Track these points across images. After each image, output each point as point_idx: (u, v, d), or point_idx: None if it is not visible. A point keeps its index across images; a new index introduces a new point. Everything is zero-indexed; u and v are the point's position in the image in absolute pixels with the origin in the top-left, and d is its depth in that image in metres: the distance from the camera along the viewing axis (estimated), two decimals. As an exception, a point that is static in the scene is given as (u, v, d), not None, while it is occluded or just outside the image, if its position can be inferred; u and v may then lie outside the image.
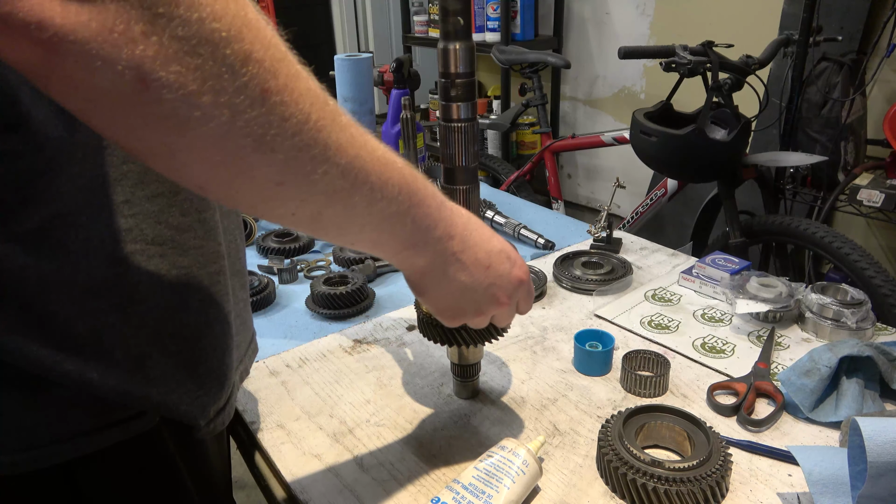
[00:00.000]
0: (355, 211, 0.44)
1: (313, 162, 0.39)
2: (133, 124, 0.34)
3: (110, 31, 0.30)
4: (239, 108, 0.34)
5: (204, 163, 0.36)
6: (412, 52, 3.59)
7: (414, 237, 0.50)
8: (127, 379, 0.48)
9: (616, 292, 1.07)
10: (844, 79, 2.01)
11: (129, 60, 0.31)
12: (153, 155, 0.36)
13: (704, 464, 0.64)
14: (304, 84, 0.38)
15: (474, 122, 0.65)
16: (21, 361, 0.44)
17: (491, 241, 0.57)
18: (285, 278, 1.13)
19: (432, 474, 0.69)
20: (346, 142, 0.41)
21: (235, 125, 0.35)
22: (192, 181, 0.39)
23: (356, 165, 0.42)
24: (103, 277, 0.46)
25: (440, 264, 0.53)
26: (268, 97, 0.35)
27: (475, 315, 0.59)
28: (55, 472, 0.48)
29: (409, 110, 1.09)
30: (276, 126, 0.36)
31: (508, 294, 0.59)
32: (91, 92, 0.32)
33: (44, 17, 0.29)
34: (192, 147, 0.35)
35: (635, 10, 2.84)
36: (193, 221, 0.52)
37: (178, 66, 0.32)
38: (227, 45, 0.33)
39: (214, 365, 0.55)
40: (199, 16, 0.32)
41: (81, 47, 0.30)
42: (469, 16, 0.61)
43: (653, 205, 2.23)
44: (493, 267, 0.56)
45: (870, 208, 1.93)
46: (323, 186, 0.41)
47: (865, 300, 0.92)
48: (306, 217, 0.43)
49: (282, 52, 0.37)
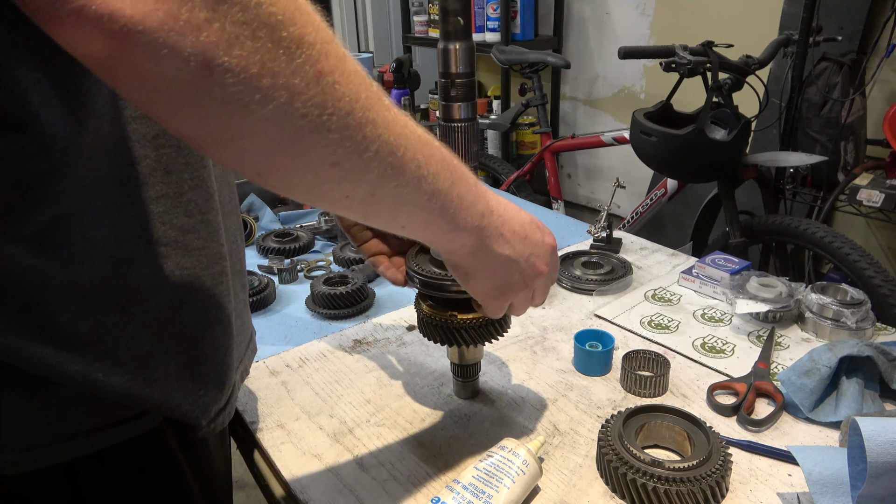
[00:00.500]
0: (405, 189, 0.45)
1: (365, 140, 0.40)
2: (197, 111, 0.34)
3: (176, 19, 0.31)
4: (296, 90, 0.35)
5: (263, 147, 0.37)
6: (412, 52, 3.58)
7: (461, 213, 0.50)
8: (129, 379, 0.48)
9: (616, 292, 1.07)
10: (844, 79, 2.01)
11: (195, 47, 0.32)
12: (215, 142, 0.37)
13: (704, 464, 0.64)
14: (352, 65, 0.39)
15: (474, 122, 0.65)
16: (23, 362, 0.44)
17: (521, 213, 0.59)
18: (285, 278, 1.13)
19: (432, 474, 0.69)
20: (391, 120, 0.42)
21: (293, 106, 0.36)
22: (251, 167, 0.39)
23: (403, 143, 0.43)
24: (106, 278, 0.46)
25: (486, 240, 0.54)
26: (321, 78, 0.36)
27: (522, 289, 0.60)
28: (57, 471, 0.48)
29: (409, 110, 1.09)
30: (330, 106, 0.37)
31: (546, 262, 0.60)
32: (157, 80, 0.32)
33: (115, 9, 0.30)
34: (252, 131, 0.36)
35: (635, 10, 2.83)
36: (197, 223, 0.52)
37: (240, 50, 0.33)
38: (284, 28, 0.34)
39: (215, 365, 0.55)
40: (258, 1, 0.33)
41: (150, 36, 0.31)
42: (469, 16, 0.61)
43: (653, 205, 2.23)
44: (529, 237, 0.58)
45: (870, 208, 1.93)
46: (375, 164, 0.42)
47: (865, 300, 0.92)
48: (359, 199, 0.44)
49: (330, 35, 0.38)
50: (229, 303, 0.56)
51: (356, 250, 0.84)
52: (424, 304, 0.70)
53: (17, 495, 0.48)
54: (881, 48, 2.00)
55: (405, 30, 3.45)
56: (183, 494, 0.57)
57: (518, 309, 0.63)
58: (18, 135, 0.42)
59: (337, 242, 1.27)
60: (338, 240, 1.29)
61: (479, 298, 0.60)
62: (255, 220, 1.32)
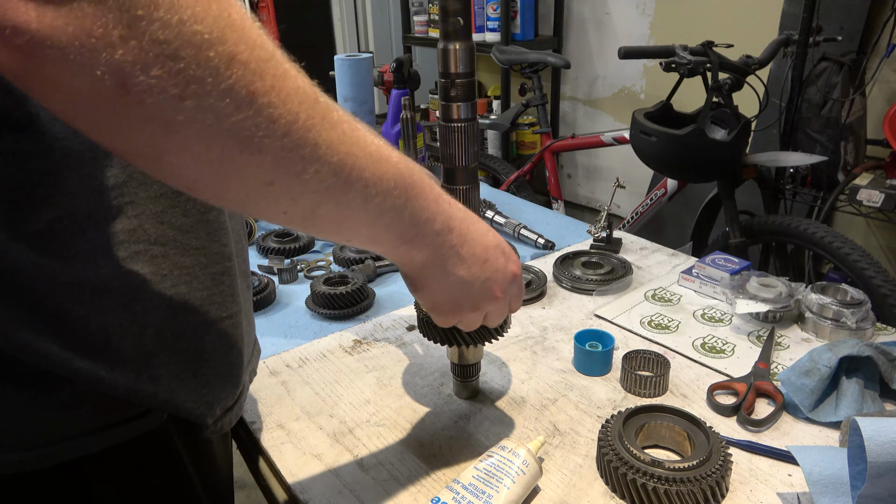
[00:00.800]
0: (350, 207, 0.44)
1: (303, 161, 0.39)
2: (116, 127, 0.33)
3: (88, 35, 0.30)
4: (224, 112, 0.34)
5: (191, 165, 0.36)
6: (412, 52, 3.59)
7: (411, 231, 0.49)
8: (134, 377, 0.48)
9: (616, 292, 1.07)
10: (844, 79, 2.01)
11: (109, 65, 0.30)
12: (140, 157, 0.36)
13: (704, 464, 0.64)
14: (293, 83, 0.38)
15: (474, 122, 0.65)
16: (32, 357, 0.44)
17: (487, 235, 0.57)
18: (285, 278, 1.13)
19: (432, 474, 0.69)
20: (336, 139, 0.41)
21: (221, 128, 0.34)
22: (179, 182, 0.38)
23: (348, 162, 0.42)
24: (109, 277, 0.47)
25: (439, 258, 0.53)
26: (255, 99, 0.35)
27: (471, 311, 0.58)
28: (63, 469, 0.48)
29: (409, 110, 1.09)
30: (263, 128, 0.36)
31: (503, 289, 0.59)
32: (71, 95, 0.31)
33: (18, 23, 0.29)
34: (177, 149, 0.35)
35: (635, 10, 2.83)
36: (196, 222, 0.52)
37: (160, 69, 0.31)
38: (210, 48, 0.33)
39: (219, 364, 0.55)
40: (180, 18, 0.31)
41: (59, 52, 0.30)
42: (469, 16, 0.61)
43: (653, 205, 2.23)
44: (489, 261, 0.56)
45: (870, 208, 1.93)
46: (315, 185, 0.40)
47: (865, 300, 0.92)
48: (299, 215, 0.43)
49: (268, 51, 0.36)
50: (234, 303, 0.56)
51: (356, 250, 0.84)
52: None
53: (25, 493, 0.48)
54: (881, 48, 2.00)
55: (405, 30, 3.45)
56: (187, 492, 0.57)
57: (467, 327, 0.62)
58: (19, 135, 0.42)
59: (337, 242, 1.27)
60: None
61: (427, 308, 0.59)
62: (255, 219, 1.32)
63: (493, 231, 0.58)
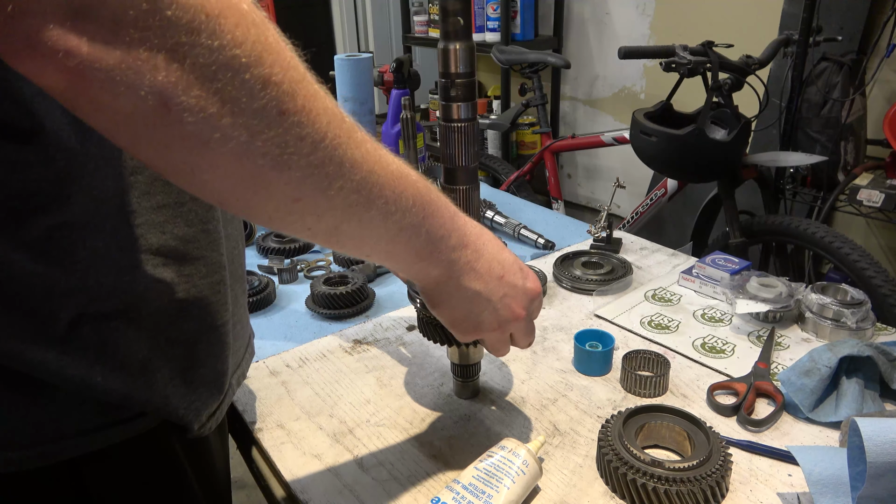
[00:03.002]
0: (372, 224, 0.45)
1: (329, 178, 0.41)
2: (156, 144, 0.35)
3: (134, 58, 0.31)
4: (256, 129, 0.36)
5: (223, 180, 0.38)
6: (412, 52, 3.58)
7: (428, 247, 0.51)
8: (129, 383, 0.49)
9: (616, 292, 1.07)
10: (844, 79, 2.01)
11: (152, 87, 0.32)
12: (176, 172, 0.38)
13: (704, 464, 0.64)
14: (322, 104, 0.39)
15: (474, 122, 0.65)
16: (24, 367, 0.44)
17: (503, 252, 0.58)
18: (285, 278, 1.13)
19: (432, 474, 0.69)
20: (360, 158, 0.42)
21: (254, 145, 0.36)
22: (212, 196, 0.40)
23: (371, 180, 0.43)
24: (109, 285, 0.47)
25: (455, 274, 0.54)
26: (285, 118, 0.37)
27: (493, 328, 0.59)
28: (61, 469, 0.48)
29: (409, 110, 1.09)
30: (292, 145, 0.38)
31: (524, 305, 0.59)
32: (116, 115, 0.33)
33: (71, 46, 0.30)
34: (212, 166, 0.37)
35: (635, 10, 2.83)
36: (198, 232, 0.52)
37: (199, 90, 0.33)
38: (247, 70, 0.34)
39: (208, 371, 0.55)
40: (220, 43, 0.33)
41: (106, 74, 0.31)
42: (469, 16, 0.61)
43: (653, 205, 2.23)
44: (506, 277, 0.57)
45: (870, 208, 1.93)
46: (339, 202, 0.42)
47: (865, 300, 0.92)
48: (323, 231, 0.44)
49: (301, 73, 0.38)
50: (227, 311, 0.56)
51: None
52: (424, 304, 0.70)
53: (21, 492, 0.49)
54: (881, 48, 2.00)
55: (405, 30, 3.45)
56: (185, 491, 0.57)
57: (493, 348, 0.62)
58: (22, 144, 0.42)
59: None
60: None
61: (448, 325, 0.60)
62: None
63: (508, 250, 0.59)
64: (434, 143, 3.34)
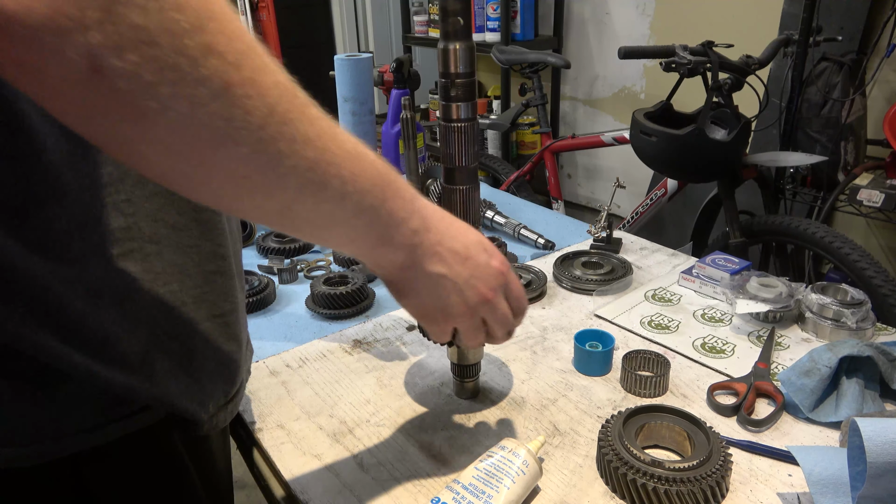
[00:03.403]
0: (326, 205, 0.44)
1: (280, 155, 0.39)
2: (89, 113, 0.33)
3: (64, 17, 0.29)
4: (198, 101, 0.34)
5: (164, 154, 0.36)
6: (412, 52, 3.58)
7: (389, 230, 0.49)
8: (129, 374, 0.48)
9: (616, 292, 1.07)
10: (844, 79, 2.00)
11: (82, 47, 0.30)
12: (112, 144, 0.36)
13: (704, 464, 0.64)
14: (272, 77, 0.38)
15: (474, 122, 0.65)
16: (30, 348, 0.44)
17: (467, 233, 0.56)
18: (285, 278, 1.13)
19: (432, 474, 0.69)
20: (315, 135, 0.41)
21: (195, 117, 0.34)
22: (152, 171, 0.38)
23: (326, 159, 0.42)
24: (104, 274, 0.47)
25: (418, 258, 0.52)
26: (230, 90, 0.35)
27: (462, 313, 0.56)
28: (62, 466, 0.48)
29: (409, 110, 1.09)
30: (239, 119, 0.36)
31: (491, 287, 0.56)
32: (44, 78, 0.31)
33: None
34: (150, 139, 0.35)
35: (635, 10, 2.83)
36: (189, 221, 0.52)
37: (134, 55, 0.31)
38: (188, 36, 0.32)
39: (209, 361, 0.54)
40: (159, 5, 0.31)
41: (32, 33, 0.29)
42: (469, 16, 0.61)
43: (653, 205, 2.23)
44: (471, 258, 0.55)
45: (870, 208, 1.93)
46: (291, 181, 0.40)
47: (865, 300, 0.92)
48: (274, 211, 0.42)
49: (247, 44, 0.36)
50: (226, 301, 0.56)
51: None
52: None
53: (22, 490, 0.48)
54: (881, 48, 2.00)
55: (405, 30, 3.45)
56: (186, 490, 0.57)
57: (467, 337, 0.59)
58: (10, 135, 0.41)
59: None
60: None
61: (418, 318, 0.58)
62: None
63: (473, 229, 0.57)
64: (434, 143, 3.34)
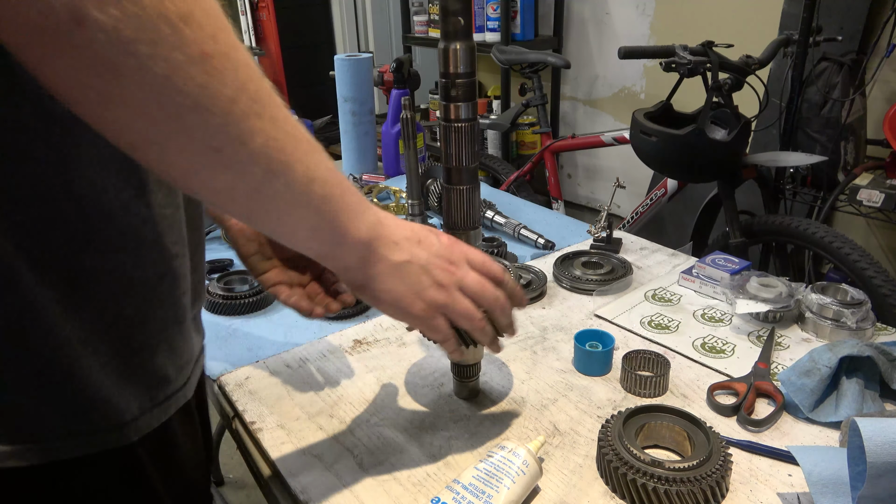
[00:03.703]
0: (296, 189, 0.44)
1: (252, 131, 0.39)
2: (65, 65, 0.33)
3: None
4: (177, 64, 0.34)
5: (138, 118, 0.36)
6: (412, 52, 3.59)
7: (353, 222, 0.50)
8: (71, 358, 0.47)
9: (616, 292, 1.07)
10: (844, 79, 2.01)
11: None
12: (85, 103, 0.35)
13: (704, 464, 0.64)
14: (244, 57, 0.38)
15: (474, 122, 0.65)
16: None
17: (408, 223, 0.57)
18: (285, 278, 1.13)
19: (432, 474, 0.69)
20: (283, 118, 0.41)
21: (172, 80, 0.35)
22: (124, 139, 0.38)
23: (293, 144, 0.42)
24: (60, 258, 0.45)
25: (381, 250, 0.53)
26: (207, 59, 0.36)
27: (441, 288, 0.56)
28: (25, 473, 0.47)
29: (409, 110, 1.09)
30: (213, 88, 0.36)
31: (451, 259, 0.58)
32: (23, 25, 0.31)
33: None
34: (126, 99, 0.35)
35: (635, 10, 2.84)
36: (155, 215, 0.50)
37: (116, 9, 0.31)
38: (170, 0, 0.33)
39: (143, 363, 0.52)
40: None
41: None
42: (469, 16, 0.61)
43: (653, 205, 2.23)
44: (423, 240, 0.57)
45: (870, 208, 1.93)
46: (262, 157, 0.41)
47: (865, 300, 0.92)
48: (244, 193, 0.42)
49: (223, 23, 0.37)
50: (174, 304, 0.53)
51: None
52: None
53: None
54: (881, 48, 2.00)
55: (405, 30, 3.45)
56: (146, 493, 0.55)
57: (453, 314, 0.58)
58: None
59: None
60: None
61: (394, 315, 0.58)
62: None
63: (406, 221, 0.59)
64: (434, 143, 3.34)
